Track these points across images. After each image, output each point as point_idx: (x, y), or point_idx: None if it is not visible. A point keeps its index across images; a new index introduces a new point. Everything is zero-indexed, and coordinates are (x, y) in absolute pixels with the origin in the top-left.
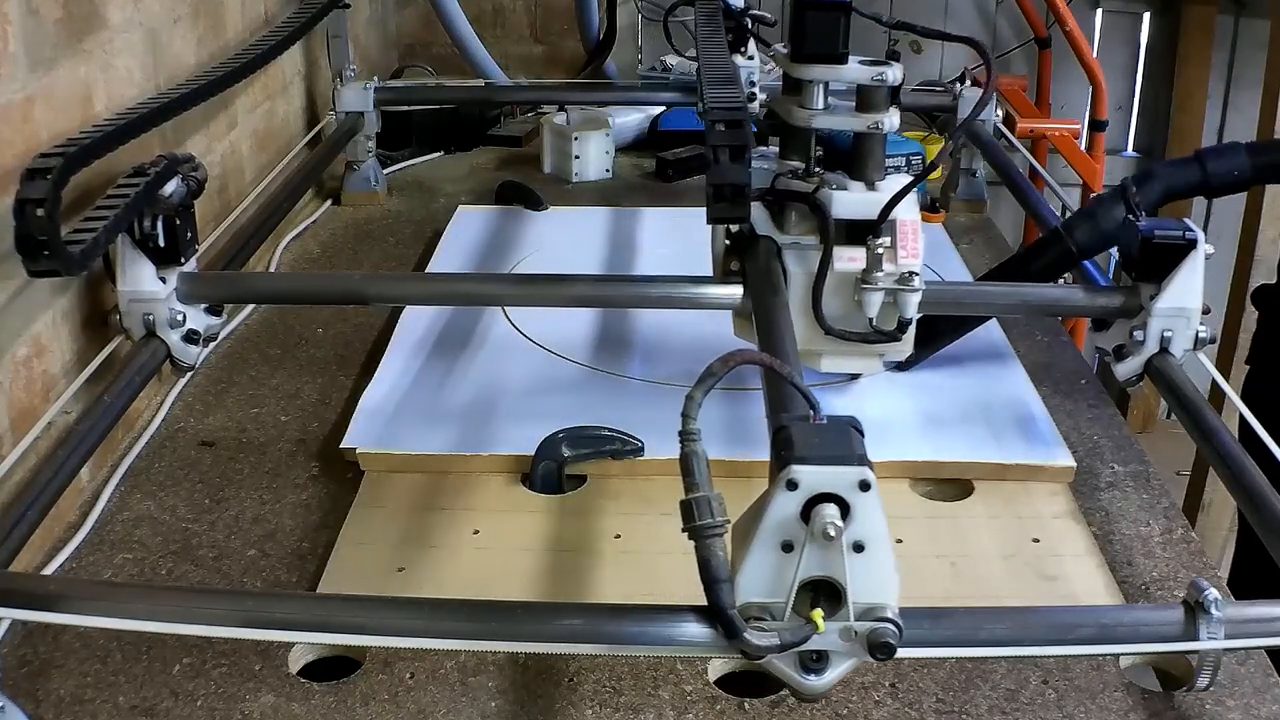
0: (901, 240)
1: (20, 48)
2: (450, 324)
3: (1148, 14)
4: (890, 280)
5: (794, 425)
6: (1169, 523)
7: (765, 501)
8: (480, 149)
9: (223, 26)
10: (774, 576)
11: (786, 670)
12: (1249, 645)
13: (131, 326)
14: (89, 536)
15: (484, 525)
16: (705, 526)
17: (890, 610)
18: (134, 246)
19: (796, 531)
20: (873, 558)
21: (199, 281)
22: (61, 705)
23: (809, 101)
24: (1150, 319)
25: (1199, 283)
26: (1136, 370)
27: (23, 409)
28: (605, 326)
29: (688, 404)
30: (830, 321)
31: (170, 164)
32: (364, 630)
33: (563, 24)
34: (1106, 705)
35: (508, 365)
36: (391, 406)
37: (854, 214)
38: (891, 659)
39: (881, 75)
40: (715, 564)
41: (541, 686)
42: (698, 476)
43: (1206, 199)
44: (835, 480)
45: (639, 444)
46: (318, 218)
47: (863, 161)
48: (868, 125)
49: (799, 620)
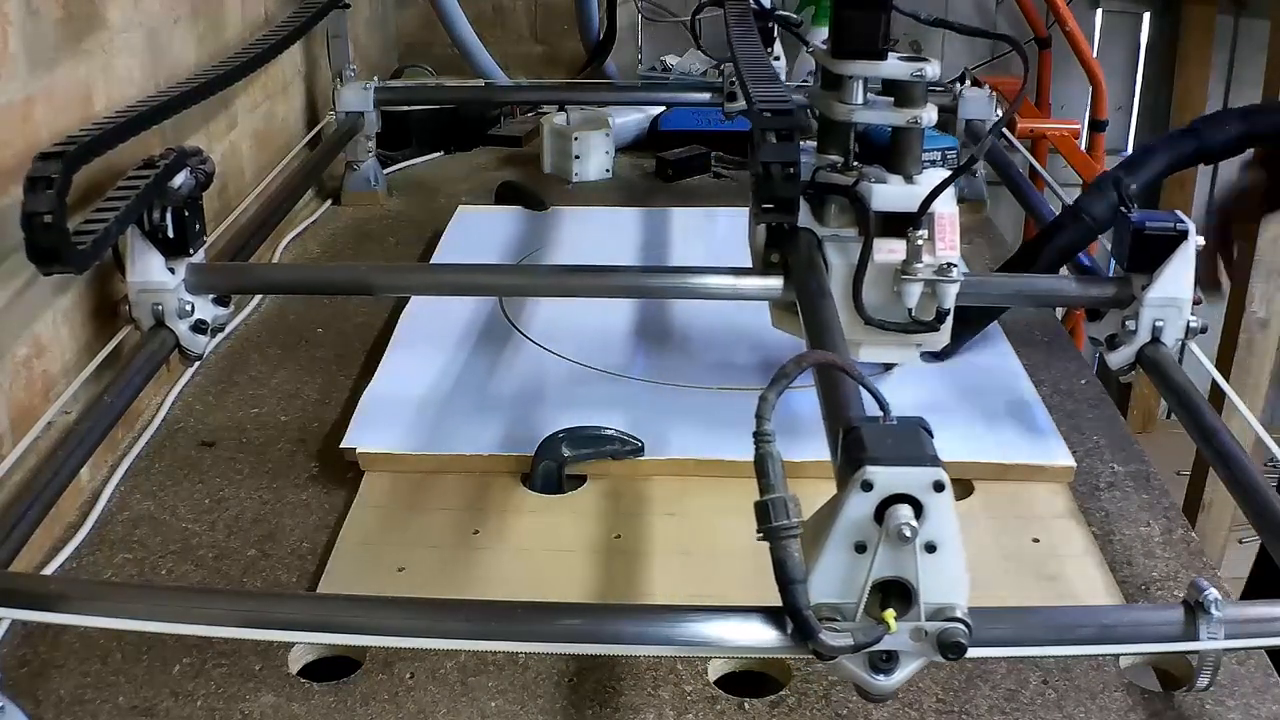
0: (940, 232)
1: (20, 48)
2: (450, 324)
3: (1148, 14)
4: (929, 271)
5: (865, 426)
6: (1169, 523)
7: (838, 502)
8: (480, 149)
9: (223, 26)
10: (846, 577)
11: (856, 671)
12: (1249, 645)
13: (140, 316)
14: (89, 536)
15: (484, 525)
16: (781, 528)
17: (960, 610)
18: (143, 238)
19: (870, 532)
20: (944, 558)
21: (207, 272)
22: (61, 705)
23: (849, 97)
24: (1142, 309)
25: (1190, 273)
26: (1129, 359)
27: (23, 409)
28: (606, 326)
29: (761, 405)
30: (870, 312)
31: (179, 156)
32: (364, 630)
33: (563, 24)
34: (1106, 705)
35: (508, 365)
36: (391, 406)
37: (894, 206)
38: (963, 657)
39: (920, 71)
40: (791, 565)
41: (541, 686)
42: (772, 478)
43: (1208, 165)
44: (910, 481)
45: (639, 444)
46: (318, 218)
47: (901, 155)
48: (907, 120)
49: (870, 621)
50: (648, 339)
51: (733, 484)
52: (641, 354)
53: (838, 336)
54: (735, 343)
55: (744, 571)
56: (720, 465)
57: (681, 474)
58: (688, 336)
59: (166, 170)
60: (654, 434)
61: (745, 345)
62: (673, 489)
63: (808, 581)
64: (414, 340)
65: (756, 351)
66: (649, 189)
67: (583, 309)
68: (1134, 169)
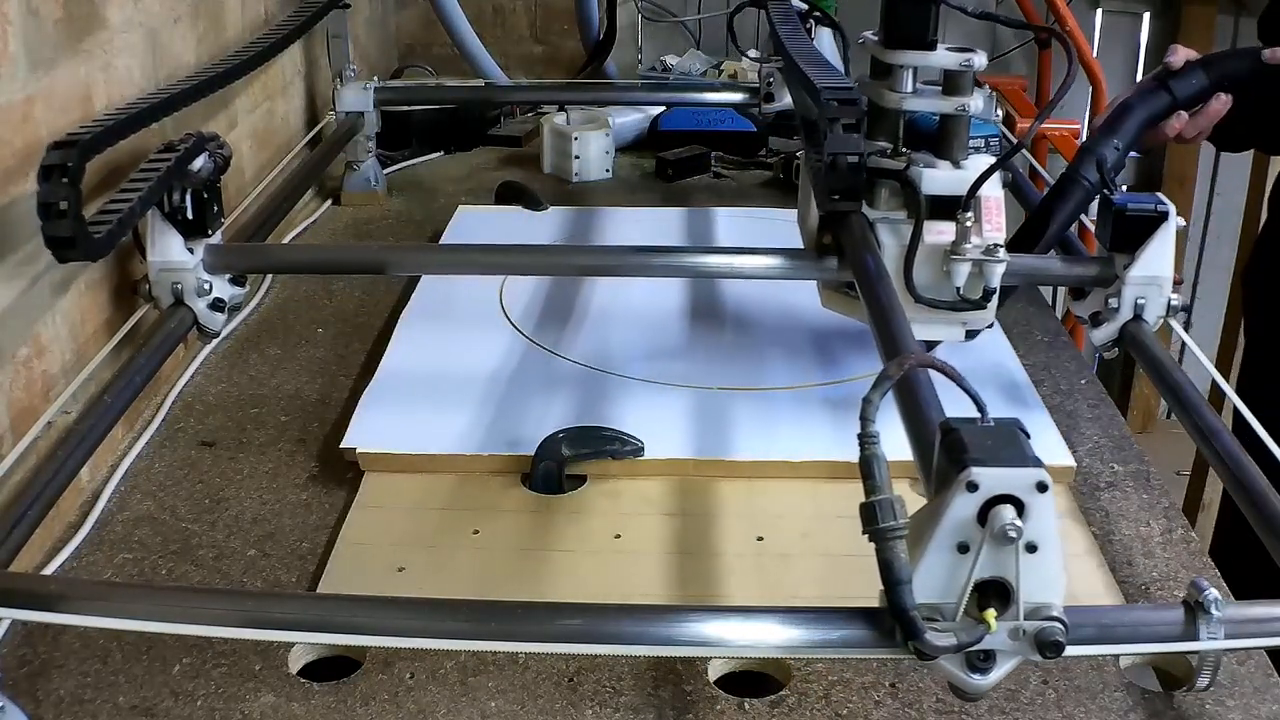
0: (986, 215)
1: (20, 48)
2: (450, 325)
3: (1148, 14)
4: (977, 252)
5: (964, 428)
6: (1169, 523)
7: (942, 503)
8: (480, 149)
9: (223, 26)
10: (947, 577)
11: (953, 670)
12: (1249, 645)
13: (160, 295)
14: (89, 536)
15: (484, 525)
16: (888, 529)
17: (1056, 609)
18: (163, 219)
19: (973, 533)
20: (1044, 558)
21: (224, 252)
22: (61, 705)
23: (899, 85)
24: (1124, 287)
25: (1170, 252)
26: (1112, 335)
27: (22, 409)
28: (606, 326)
29: (865, 407)
30: (920, 291)
31: (199, 141)
32: (364, 630)
33: (563, 24)
34: (1106, 705)
35: (508, 365)
36: (391, 406)
37: (943, 190)
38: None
39: (969, 61)
40: (898, 566)
41: (541, 686)
42: (878, 479)
43: (1174, 112)
44: (1015, 482)
45: (639, 444)
46: (318, 218)
47: (949, 141)
48: (955, 108)
49: (970, 620)
50: (648, 339)
51: (733, 484)
52: (641, 354)
53: (901, 317)
54: (735, 343)
55: (744, 571)
56: (720, 465)
57: (681, 474)
58: (688, 336)
59: (186, 154)
60: (654, 434)
61: (746, 346)
62: (673, 489)
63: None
64: (414, 340)
65: (758, 351)
66: (649, 189)
67: (583, 309)
68: (1115, 129)
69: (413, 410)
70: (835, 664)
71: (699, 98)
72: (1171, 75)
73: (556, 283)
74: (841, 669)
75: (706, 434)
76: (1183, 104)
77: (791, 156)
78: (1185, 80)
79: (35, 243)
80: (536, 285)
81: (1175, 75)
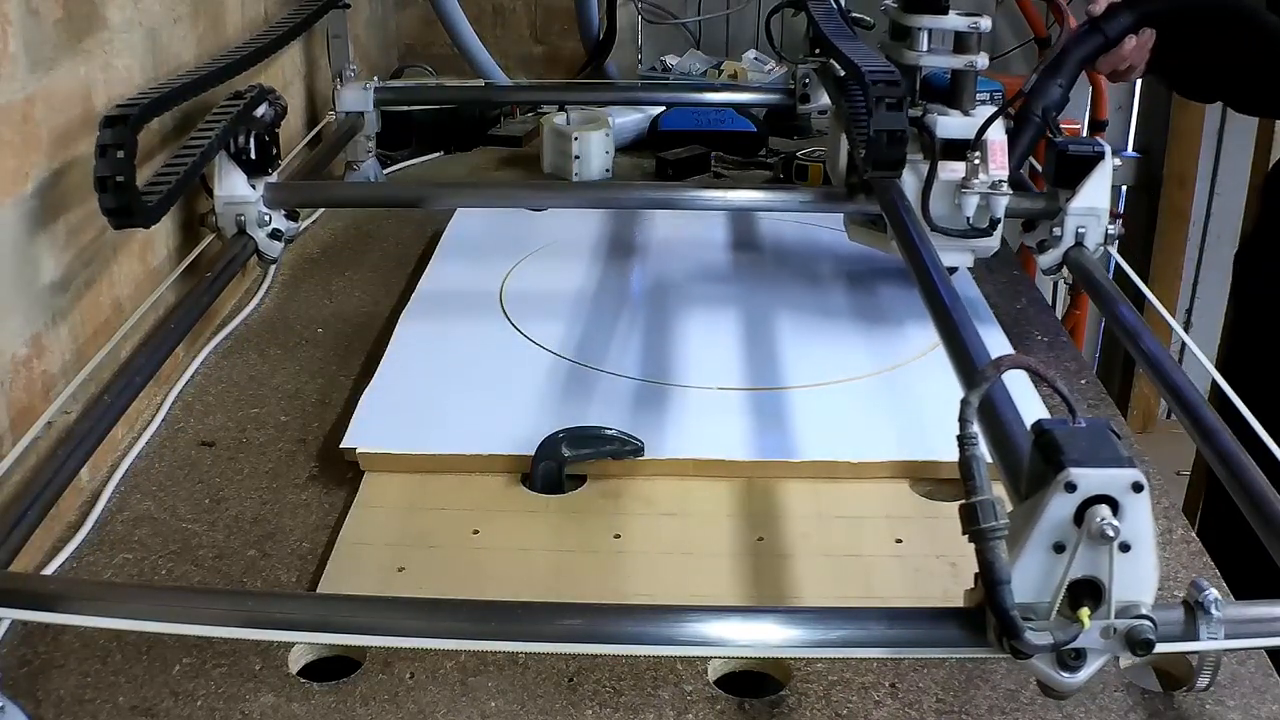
0: (991, 155)
1: (20, 48)
2: (450, 325)
3: None
4: (984, 186)
5: (1057, 429)
6: (1169, 523)
7: (1039, 504)
8: (480, 149)
9: (222, 26)
10: (1043, 577)
11: (1045, 669)
12: (1249, 645)
13: (225, 226)
14: (89, 536)
15: (484, 525)
16: (989, 530)
17: (1146, 607)
18: (230, 159)
19: (1069, 533)
20: (1137, 557)
21: (283, 189)
22: (61, 705)
23: (916, 45)
24: (1066, 218)
25: (1107, 187)
26: (1056, 260)
27: (22, 409)
28: (607, 326)
29: (964, 408)
30: (935, 220)
31: (261, 92)
32: (364, 630)
33: (563, 24)
34: (1106, 705)
35: (508, 365)
36: (391, 406)
37: (955, 134)
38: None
39: (976, 24)
40: (999, 566)
41: (541, 686)
42: (978, 480)
43: (1108, 49)
44: (1111, 482)
45: (639, 444)
46: (318, 217)
47: (959, 93)
48: (964, 64)
49: (1063, 619)
50: (648, 338)
51: (733, 484)
52: (643, 353)
53: (929, 250)
54: (736, 343)
55: (744, 571)
56: (720, 465)
57: (681, 474)
58: (688, 336)
59: (252, 101)
60: (654, 434)
61: (746, 346)
62: (673, 489)
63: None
64: (414, 340)
65: (760, 352)
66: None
67: (583, 309)
68: (1057, 70)
69: (413, 410)
70: (835, 664)
71: (699, 98)
72: (1102, 18)
73: (557, 282)
74: (841, 669)
75: (706, 434)
76: (1113, 42)
77: (792, 156)
78: (1114, 21)
79: (36, 244)
80: (537, 285)
81: (1105, 17)
